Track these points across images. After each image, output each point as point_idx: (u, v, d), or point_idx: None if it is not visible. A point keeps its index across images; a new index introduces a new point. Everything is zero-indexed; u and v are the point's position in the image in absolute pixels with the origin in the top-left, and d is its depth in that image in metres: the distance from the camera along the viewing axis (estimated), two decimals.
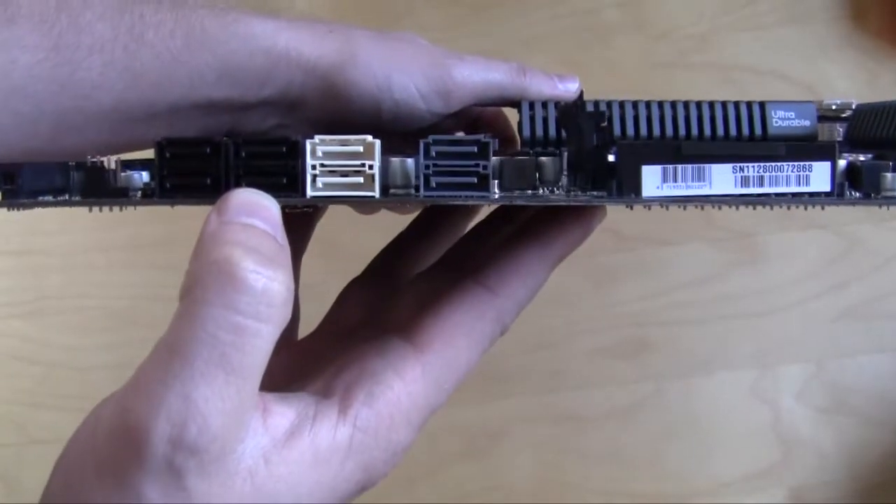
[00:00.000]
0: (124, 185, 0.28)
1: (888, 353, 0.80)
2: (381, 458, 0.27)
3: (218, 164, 0.26)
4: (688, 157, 0.26)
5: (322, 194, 0.26)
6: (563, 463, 0.81)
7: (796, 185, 0.27)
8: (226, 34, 0.33)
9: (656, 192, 0.27)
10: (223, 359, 0.23)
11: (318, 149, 0.26)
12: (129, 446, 0.23)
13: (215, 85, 0.34)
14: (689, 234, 0.80)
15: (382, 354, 0.28)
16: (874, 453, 0.80)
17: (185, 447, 0.23)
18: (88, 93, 0.32)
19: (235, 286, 0.23)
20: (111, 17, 0.32)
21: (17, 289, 0.80)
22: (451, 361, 0.29)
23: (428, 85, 0.35)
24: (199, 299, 0.23)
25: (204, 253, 0.24)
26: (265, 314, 0.23)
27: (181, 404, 0.23)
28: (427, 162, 0.26)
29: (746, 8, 0.79)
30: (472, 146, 0.26)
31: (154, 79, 0.33)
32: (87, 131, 0.33)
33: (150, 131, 0.35)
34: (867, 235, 0.80)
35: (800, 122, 0.35)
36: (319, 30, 0.35)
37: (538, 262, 0.31)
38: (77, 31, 0.32)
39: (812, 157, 0.27)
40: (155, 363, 0.23)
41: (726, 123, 0.34)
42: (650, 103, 0.34)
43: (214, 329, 0.23)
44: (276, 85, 0.34)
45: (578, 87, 0.38)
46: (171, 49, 0.33)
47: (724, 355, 0.80)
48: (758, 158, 0.27)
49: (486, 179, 0.26)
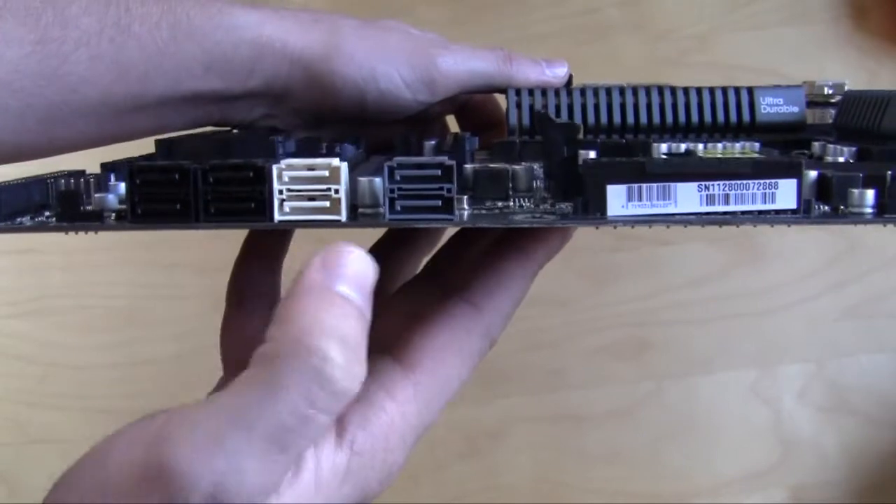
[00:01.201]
0: (98, 207, 0.28)
1: (888, 352, 0.80)
2: (377, 479, 0.27)
3: (187, 191, 0.26)
4: (653, 175, 0.26)
5: (289, 218, 0.26)
6: (562, 463, 0.81)
7: (762, 203, 0.26)
8: (211, 25, 0.33)
9: (622, 210, 0.26)
10: (283, 441, 0.23)
11: (284, 174, 0.26)
12: (164, 493, 0.23)
13: (202, 77, 0.34)
14: (689, 234, 0.80)
15: (373, 375, 0.28)
16: (874, 453, 0.80)
17: (220, 502, 0.22)
18: (76, 86, 0.32)
19: (320, 382, 0.23)
20: (97, 10, 0.32)
21: (18, 288, 0.80)
22: (441, 380, 0.29)
23: (413, 74, 0.35)
24: (279, 379, 0.23)
25: (301, 323, 0.23)
26: (334, 410, 0.23)
27: (230, 468, 0.22)
28: (392, 186, 0.26)
29: (746, 7, 0.79)
30: (437, 169, 0.26)
31: (141, 71, 0.33)
32: (75, 124, 0.33)
33: (139, 123, 0.35)
34: (867, 235, 0.79)
35: (788, 109, 0.35)
36: (305, 20, 0.35)
37: (520, 274, 0.32)
38: (63, 24, 0.32)
39: (778, 174, 0.26)
40: (211, 419, 0.23)
41: (714, 110, 0.34)
42: (637, 89, 0.34)
43: (287, 413, 0.23)
44: (262, 75, 0.34)
45: (567, 71, 0.38)
46: (158, 41, 0.33)
47: (724, 355, 0.80)
48: (723, 176, 0.26)
49: (450, 202, 0.26)
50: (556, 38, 0.79)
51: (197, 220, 0.26)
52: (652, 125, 0.34)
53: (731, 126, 0.34)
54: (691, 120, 0.34)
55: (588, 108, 0.34)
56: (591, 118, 0.34)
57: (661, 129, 0.34)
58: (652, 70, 0.79)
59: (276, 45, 0.34)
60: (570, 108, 0.34)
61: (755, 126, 0.34)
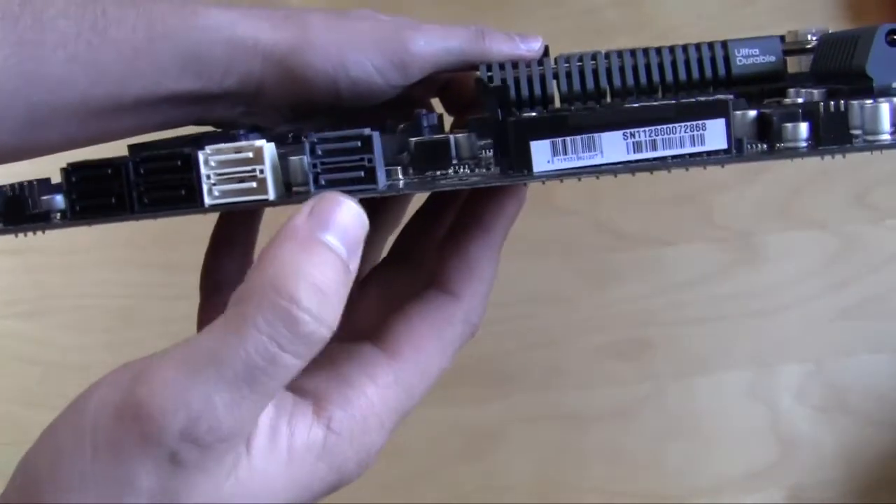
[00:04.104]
0: (46, 208, 0.29)
1: (887, 352, 0.80)
2: (354, 460, 0.27)
3: (120, 184, 0.27)
4: (575, 128, 0.26)
5: (220, 202, 0.27)
6: (562, 463, 0.81)
7: (691, 146, 0.26)
8: (185, 27, 0.34)
9: (547, 166, 0.26)
10: (251, 378, 0.24)
11: (210, 159, 0.27)
12: (139, 430, 0.24)
13: (179, 77, 0.34)
14: (690, 234, 0.80)
15: (354, 359, 0.29)
16: (873, 453, 0.80)
17: (193, 440, 0.24)
18: (54, 88, 0.33)
19: (286, 322, 0.24)
20: (74, 13, 0.33)
21: (17, 288, 0.80)
22: (422, 367, 0.30)
23: (383, 60, 0.35)
24: (248, 319, 0.24)
25: (275, 266, 0.24)
26: (301, 352, 0.24)
27: (202, 403, 0.24)
28: (314, 161, 0.26)
29: (746, 8, 0.79)
30: (356, 141, 0.26)
31: (118, 73, 0.33)
32: (55, 126, 0.34)
33: (119, 124, 0.35)
34: (866, 235, 0.80)
35: (765, 59, 0.34)
36: (276, 17, 0.35)
37: (487, 253, 0.32)
38: (40, 27, 0.32)
39: (703, 115, 0.26)
40: (183, 361, 0.24)
41: (688, 66, 0.34)
42: (609, 53, 0.34)
43: (254, 352, 0.24)
44: (238, 74, 0.35)
45: (541, 45, 0.38)
46: (134, 43, 0.33)
47: (723, 355, 0.80)
48: (647, 122, 0.26)
49: (372, 172, 0.26)
50: (555, 39, 0.79)
51: (132, 212, 0.27)
52: (626, 87, 0.33)
53: (707, 81, 0.34)
54: (666, 78, 0.33)
55: (560, 76, 0.33)
56: (564, 86, 0.33)
57: (637, 90, 0.34)
58: None
59: (249, 43, 0.34)
60: (543, 79, 0.33)
61: (731, 79, 0.34)
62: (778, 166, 0.78)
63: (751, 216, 0.79)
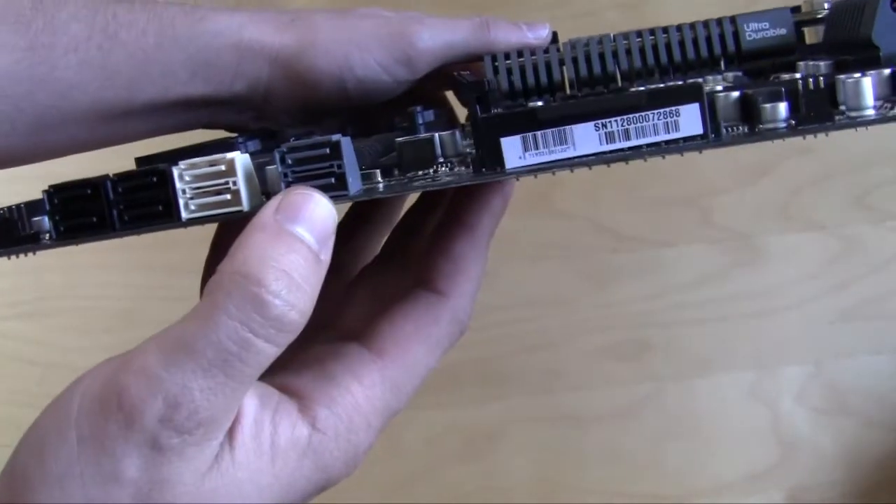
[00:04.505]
0: (36, 230, 0.30)
1: (887, 353, 0.80)
2: (341, 459, 0.27)
3: (101, 203, 0.28)
4: (545, 121, 0.26)
5: (196, 215, 0.27)
6: (561, 463, 0.81)
7: (665, 133, 0.25)
8: (194, 32, 0.34)
9: (519, 162, 0.26)
10: (225, 364, 0.24)
11: (185, 174, 0.27)
12: (120, 419, 0.24)
13: (188, 82, 0.34)
14: (689, 235, 0.80)
15: (340, 358, 0.29)
16: (873, 454, 0.80)
17: (173, 426, 0.24)
18: (65, 92, 0.33)
19: (255, 306, 0.24)
20: (85, 17, 0.33)
21: (17, 289, 0.80)
22: (409, 367, 0.30)
23: (389, 57, 0.35)
24: (219, 305, 0.24)
25: (243, 255, 0.25)
26: (274, 337, 0.25)
27: (178, 390, 0.24)
28: (284, 170, 0.27)
29: (747, 8, 0.79)
30: (325, 148, 0.26)
31: (128, 77, 0.33)
32: (65, 129, 0.34)
33: (129, 127, 0.35)
34: (866, 236, 0.80)
35: (775, 32, 0.33)
36: (282, 20, 0.35)
37: (473, 251, 0.32)
38: (52, 31, 0.32)
39: (676, 101, 0.25)
40: (159, 350, 0.25)
41: (696, 45, 0.33)
42: (616, 36, 0.33)
43: (225, 337, 0.24)
44: (246, 78, 0.35)
45: (549, 32, 0.38)
46: (144, 47, 0.33)
47: (723, 356, 0.80)
48: (618, 112, 0.25)
49: (343, 178, 0.26)
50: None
51: (114, 230, 0.28)
52: (634, 69, 0.33)
53: (716, 58, 0.33)
54: (674, 58, 0.33)
55: (567, 62, 0.33)
56: (571, 72, 0.33)
57: (646, 71, 0.33)
58: None
59: (255, 47, 0.34)
60: (549, 66, 0.33)
61: (742, 55, 0.33)
62: (778, 167, 0.78)
63: (751, 217, 0.79)
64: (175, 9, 0.34)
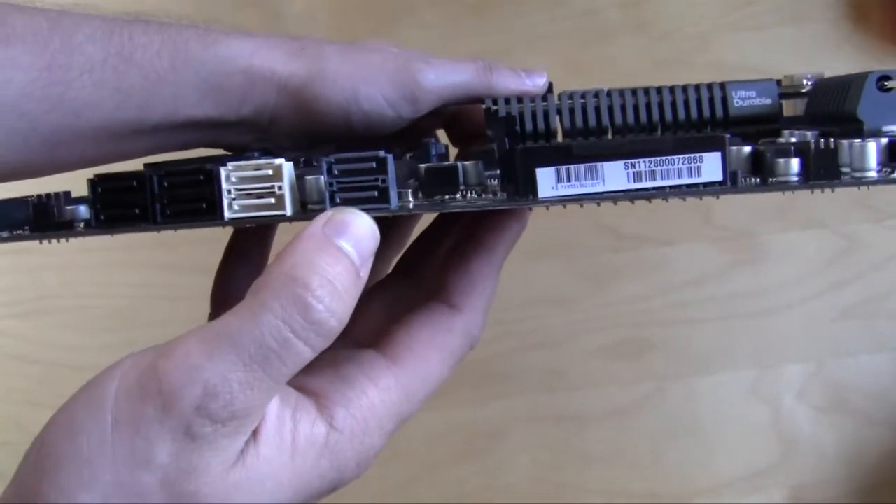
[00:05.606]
0: (70, 217, 0.31)
1: (888, 352, 0.80)
2: (354, 460, 0.28)
3: (144, 196, 0.29)
4: (579, 157, 0.28)
5: (239, 216, 0.28)
6: (562, 463, 0.81)
7: (688, 177, 0.28)
8: (207, 55, 0.35)
9: (552, 192, 0.28)
10: (265, 360, 0.25)
11: (231, 175, 0.28)
12: (158, 403, 0.25)
13: (197, 104, 0.35)
14: (690, 234, 0.80)
15: (356, 362, 0.30)
16: (874, 453, 0.80)
17: (207, 415, 0.25)
18: (79, 111, 0.34)
19: (299, 308, 0.25)
20: (101, 39, 0.34)
21: (17, 288, 0.80)
22: (423, 374, 0.31)
23: (395, 93, 0.36)
24: (265, 304, 0.25)
25: (292, 259, 0.26)
26: (312, 340, 0.26)
27: (218, 380, 0.25)
28: (331, 180, 0.28)
29: (747, 8, 0.79)
30: (371, 162, 0.28)
31: (141, 98, 0.34)
32: (77, 147, 0.35)
33: (137, 146, 0.36)
34: (867, 235, 0.80)
35: (761, 101, 0.35)
36: (293, 48, 0.36)
37: (489, 269, 0.34)
38: (69, 51, 0.33)
39: (700, 148, 0.28)
40: (201, 342, 0.25)
41: (687, 107, 0.34)
42: (611, 92, 0.35)
43: (268, 334, 0.25)
44: (254, 104, 0.35)
45: (545, 81, 0.39)
46: (158, 69, 0.34)
47: (724, 355, 0.80)
48: (647, 154, 0.28)
49: (385, 192, 0.28)
50: (557, 40, 0.79)
51: (155, 223, 0.29)
52: (627, 125, 0.34)
53: (705, 121, 0.35)
54: (665, 118, 0.34)
55: (564, 112, 0.35)
56: (567, 122, 0.34)
57: (637, 128, 0.35)
58: (652, 71, 0.79)
59: (266, 74, 0.35)
60: (546, 114, 0.34)
61: (729, 120, 0.35)
62: None
63: (751, 216, 0.79)
64: (189, 31, 0.35)
